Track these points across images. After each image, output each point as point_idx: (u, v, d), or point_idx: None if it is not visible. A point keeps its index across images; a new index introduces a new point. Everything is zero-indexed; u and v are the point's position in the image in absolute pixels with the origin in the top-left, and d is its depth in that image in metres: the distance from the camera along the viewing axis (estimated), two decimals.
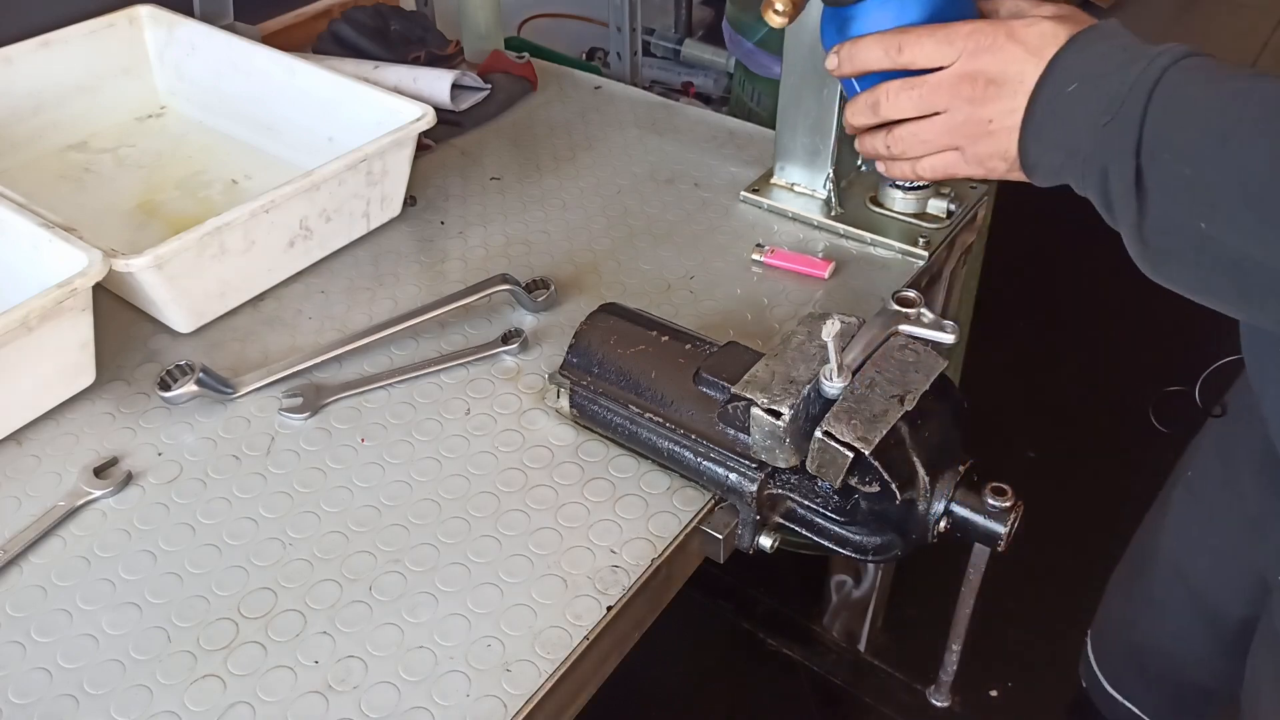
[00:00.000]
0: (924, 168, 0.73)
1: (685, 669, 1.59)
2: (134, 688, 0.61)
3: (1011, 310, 2.17)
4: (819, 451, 0.62)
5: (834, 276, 0.92)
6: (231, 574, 0.67)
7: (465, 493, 0.73)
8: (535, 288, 0.88)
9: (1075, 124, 0.62)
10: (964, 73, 0.67)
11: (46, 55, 1.04)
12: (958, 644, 0.78)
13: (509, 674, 0.61)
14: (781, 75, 0.95)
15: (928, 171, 0.73)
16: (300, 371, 0.81)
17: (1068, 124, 0.63)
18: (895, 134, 0.73)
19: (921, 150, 0.72)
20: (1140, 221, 0.60)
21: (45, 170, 1.04)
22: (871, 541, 0.68)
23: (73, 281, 0.72)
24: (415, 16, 1.24)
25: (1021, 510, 0.66)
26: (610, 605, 0.65)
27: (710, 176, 1.06)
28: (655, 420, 0.72)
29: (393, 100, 0.95)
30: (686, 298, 0.91)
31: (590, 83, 1.24)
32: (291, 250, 0.89)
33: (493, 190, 1.05)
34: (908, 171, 0.75)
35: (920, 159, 0.73)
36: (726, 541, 0.70)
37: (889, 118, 0.72)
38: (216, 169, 1.05)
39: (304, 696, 0.60)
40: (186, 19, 1.09)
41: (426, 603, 0.65)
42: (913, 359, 0.66)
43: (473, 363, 0.83)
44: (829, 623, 1.64)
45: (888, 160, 0.75)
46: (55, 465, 0.74)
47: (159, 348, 0.85)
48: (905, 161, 0.74)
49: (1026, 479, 0.80)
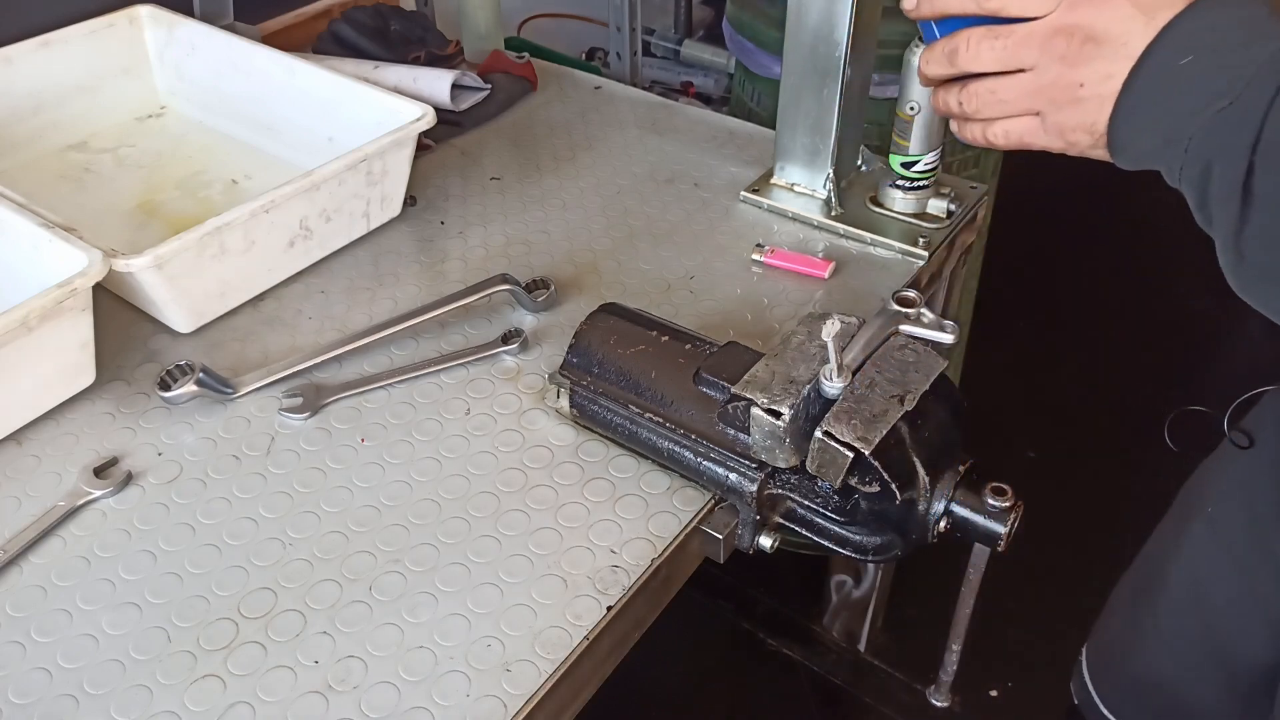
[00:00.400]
0: (997, 132, 0.65)
1: (685, 669, 1.59)
2: (134, 688, 0.61)
3: (1011, 310, 2.17)
4: (819, 451, 0.62)
5: (834, 276, 0.92)
6: (231, 574, 0.67)
7: (465, 493, 0.73)
8: (535, 288, 0.88)
9: (1183, 104, 0.54)
10: (1060, 25, 0.57)
11: (46, 55, 1.04)
12: (958, 644, 0.78)
13: (509, 674, 0.61)
14: (781, 75, 0.95)
15: (1000, 137, 0.65)
16: (300, 371, 0.81)
17: (1174, 102, 0.54)
18: (970, 89, 0.64)
19: (998, 111, 0.63)
20: (1240, 230, 0.52)
21: (45, 170, 1.04)
22: (871, 541, 0.68)
23: (73, 281, 0.72)
24: (415, 16, 1.24)
25: (1021, 510, 0.66)
26: (610, 605, 0.65)
27: (710, 176, 1.06)
28: (655, 420, 0.72)
29: (393, 100, 0.95)
30: (686, 298, 0.91)
31: (590, 83, 1.24)
32: (291, 250, 0.89)
33: (493, 190, 1.05)
34: (978, 135, 0.66)
35: (994, 121, 0.64)
36: (726, 541, 0.70)
37: (967, 69, 0.63)
38: (216, 169, 1.05)
39: (304, 696, 0.60)
40: (186, 19, 1.09)
41: (426, 603, 0.65)
42: (913, 359, 0.66)
43: (473, 363, 0.83)
44: (829, 623, 1.64)
45: (960, 119, 0.67)
46: (55, 465, 0.74)
47: (159, 348, 0.85)
48: (977, 123, 0.65)
49: (1026, 479, 0.80)
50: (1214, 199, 0.53)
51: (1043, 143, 0.63)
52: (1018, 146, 0.65)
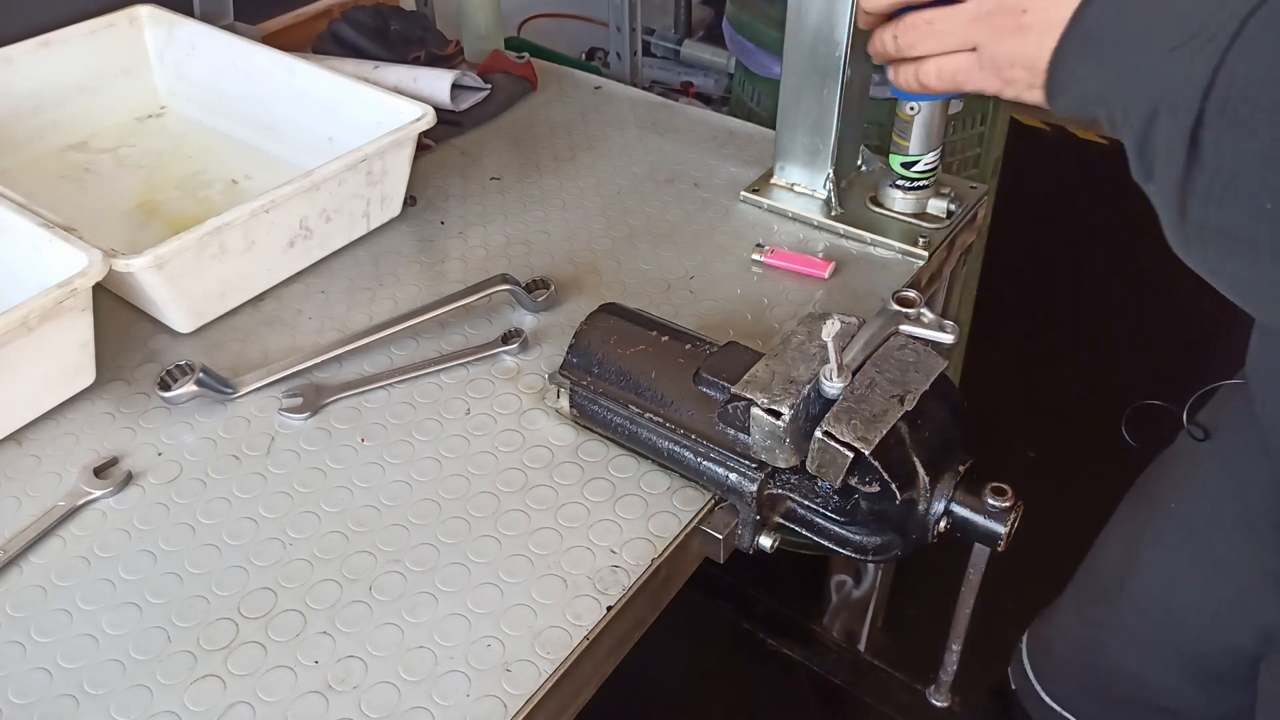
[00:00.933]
0: (929, 71, 0.61)
1: (685, 669, 1.59)
2: (134, 688, 0.61)
3: (1011, 310, 2.17)
4: (819, 451, 0.62)
5: (834, 276, 0.92)
6: (231, 574, 0.67)
7: (465, 493, 0.73)
8: (535, 288, 0.88)
9: (1132, 40, 0.49)
10: None
11: (46, 55, 1.04)
12: (958, 644, 0.78)
13: (509, 674, 0.61)
14: (781, 75, 0.95)
15: (932, 77, 0.61)
16: (300, 371, 0.81)
17: (1123, 37, 0.50)
18: (906, 21, 0.61)
19: (933, 45, 0.60)
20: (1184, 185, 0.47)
21: (45, 170, 1.04)
22: (871, 541, 0.68)
23: (73, 281, 0.72)
24: (415, 16, 1.24)
25: (1021, 510, 0.66)
26: (610, 605, 0.65)
27: (710, 176, 1.06)
28: (655, 420, 0.72)
29: (393, 100, 0.95)
30: (686, 298, 0.91)
31: (590, 83, 1.24)
32: (291, 250, 0.89)
33: (493, 190, 1.05)
34: (911, 79, 0.63)
35: (927, 60, 0.61)
36: (726, 541, 0.70)
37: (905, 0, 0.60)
38: (216, 169, 1.05)
39: (304, 696, 0.60)
40: (186, 19, 1.09)
41: (426, 603, 0.65)
42: (913, 359, 0.66)
43: (473, 363, 0.83)
44: (829, 623, 1.64)
45: (896, 62, 0.64)
46: (55, 465, 0.74)
47: (159, 348, 0.85)
48: (910, 64, 0.62)
49: (1026, 479, 0.80)
50: (1157, 149, 0.48)
51: (977, 81, 0.59)
52: (950, 88, 0.61)
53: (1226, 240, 0.47)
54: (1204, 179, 0.46)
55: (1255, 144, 0.44)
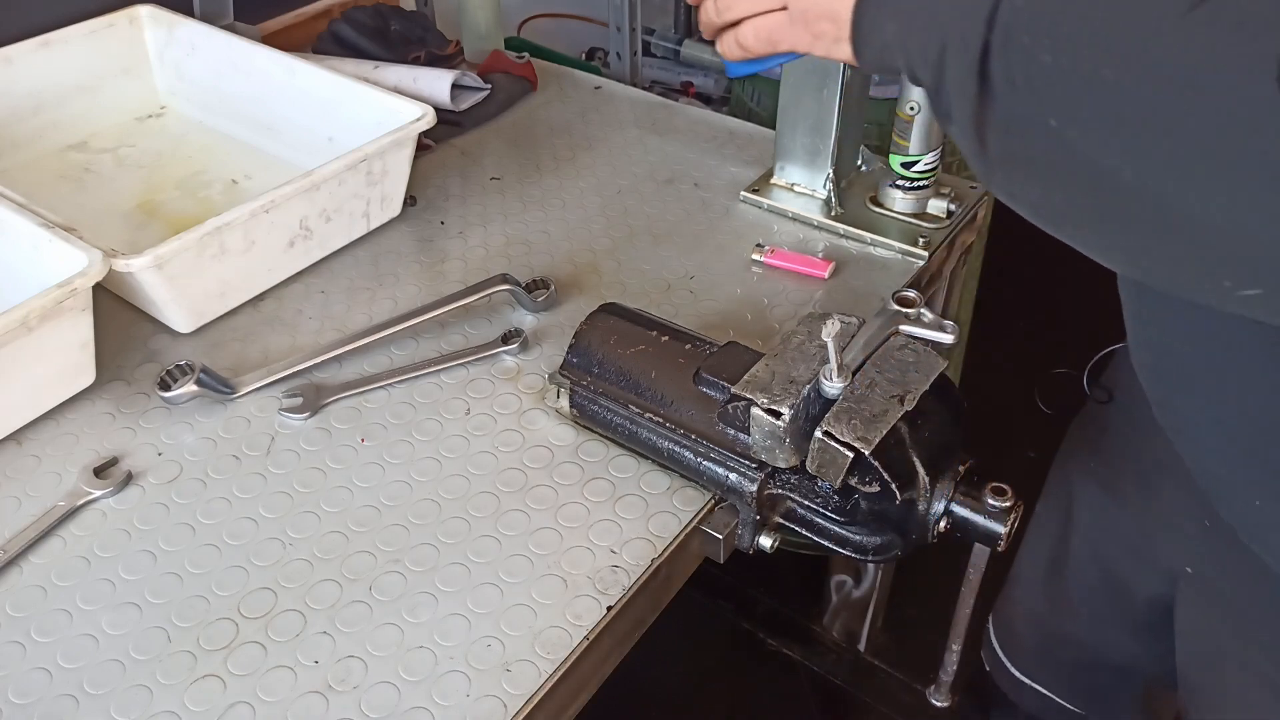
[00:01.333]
0: (746, 33, 0.62)
1: (685, 669, 1.59)
2: (134, 688, 0.61)
3: (1011, 310, 2.17)
4: (819, 451, 0.62)
5: (834, 276, 0.92)
6: (231, 574, 0.67)
7: (465, 493, 0.73)
8: (535, 288, 0.88)
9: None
10: None
11: (46, 55, 1.04)
12: (958, 644, 0.78)
13: (509, 674, 0.61)
14: (781, 75, 0.95)
15: (750, 38, 0.62)
16: (300, 371, 0.81)
17: None
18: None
19: (747, 7, 0.61)
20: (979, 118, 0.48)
21: (45, 170, 1.04)
22: (871, 541, 0.68)
23: (73, 281, 0.72)
24: (415, 16, 1.24)
25: (1021, 510, 0.66)
26: (610, 605, 0.65)
27: (710, 176, 1.06)
28: (655, 420, 0.72)
29: (393, 100, 0.95)
30: (686, 298, 0.91)
31: (590, 83, 1.24)
32: (291, 250, 0.89)
33: (493, 190, 1.05)
34: (731, 46, 0.64)
35: (744, 23, 0.62)
36: (726, 541, 0.70)
37: None
38: (216, 169, 1.05)
39: (304, 696, 0.60)
40: (186, 19, 1.09)
41: (426, 603, 0.65)
42: (913, 359, 0.66)
43: (473, 363, 0.83)
44: (829, 623, 1.64)
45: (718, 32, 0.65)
46: (55, 465, 0.74)
47: (159, 348, 0.85)
48: (730, 31, 0.63)
49: (1026, 479, 0.80)
50: (950, 88, 0.49)
51: (790, 39, 0.61)
52: (768, 48, 0.62)
53: (1022, 165, 0.49)
54: (996, 109, 0.48)
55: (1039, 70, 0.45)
